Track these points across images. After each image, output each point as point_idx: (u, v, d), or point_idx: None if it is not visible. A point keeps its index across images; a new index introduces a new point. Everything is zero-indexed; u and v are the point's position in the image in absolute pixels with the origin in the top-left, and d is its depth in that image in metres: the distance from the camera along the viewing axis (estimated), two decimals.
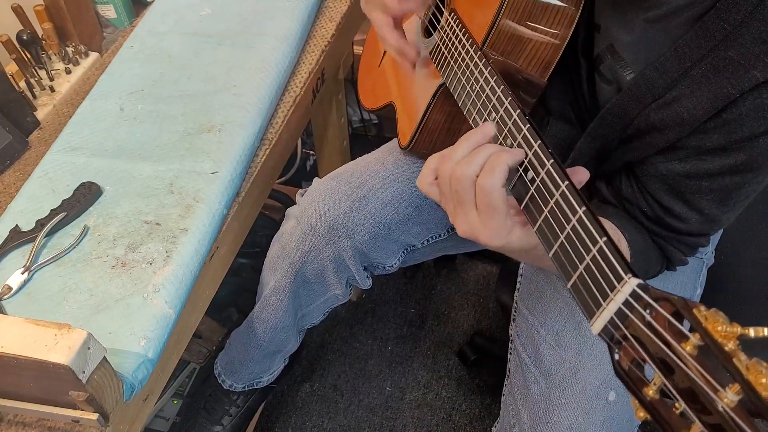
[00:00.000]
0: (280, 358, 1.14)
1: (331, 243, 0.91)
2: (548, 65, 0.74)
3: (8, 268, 0.76)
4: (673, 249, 0.73)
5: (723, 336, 0.33)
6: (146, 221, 0.81)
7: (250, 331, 1.07)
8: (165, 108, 0.95)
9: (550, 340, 0.84)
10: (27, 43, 1.00)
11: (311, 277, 0.96)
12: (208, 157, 0.88)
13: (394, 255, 0.98)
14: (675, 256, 0.74)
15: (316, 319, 1.08)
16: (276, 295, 0.99)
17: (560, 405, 0.80)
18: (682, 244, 0.73)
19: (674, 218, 0.69)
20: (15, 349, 0.56)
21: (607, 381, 0.80)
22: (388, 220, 0.92)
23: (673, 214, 0.69)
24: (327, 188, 0.93)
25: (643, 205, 0.71)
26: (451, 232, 0.99)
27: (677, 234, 0.71)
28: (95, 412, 0.62)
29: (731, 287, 0.99)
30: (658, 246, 0.74)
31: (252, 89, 0.96)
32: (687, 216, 0.68)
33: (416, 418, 1.38)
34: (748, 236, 1.05)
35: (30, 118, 0.98)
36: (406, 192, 0.93)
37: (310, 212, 0.92)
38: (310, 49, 1.10)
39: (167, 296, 0.74)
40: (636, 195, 0.72)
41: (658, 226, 0.71)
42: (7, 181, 0.91)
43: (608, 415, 0.79)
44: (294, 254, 0.94)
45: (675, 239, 0.72)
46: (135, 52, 1.04)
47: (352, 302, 1.57)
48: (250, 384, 1.15)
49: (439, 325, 1.53)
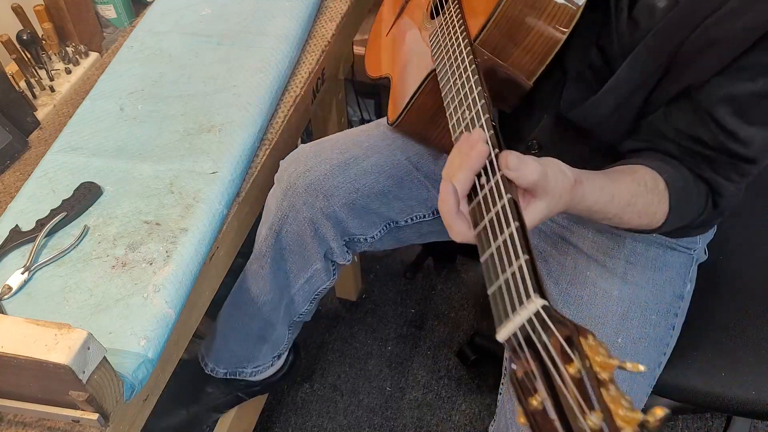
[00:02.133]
0: (267, 349, 1.10)
1: (309, 203, 0.91)
2: (542, 61, 0.74)
3: (8, 268, 0.76)
4: (724, 181, 0.71)
5: (600, 366, 0.36)
6: (146, 221, 0.81)
7: (232, 305, 1.05)
8: (165, 108, 0.95)
9: None
10: (27, 43, 1.00)
11: (291, 243, 0.95)
12: (208, 157, 0.88)
13: (374, 227, 0.97)
14: (727, 189, 0.71)
15: (304, 308, 1.05)
16: (257, 261, 0.98)
17: None
18: (737, 171, 0.70)
19: (737, 143, 0.67)
20: (15, 349, 0.56)
21: None
22: (367, 188, 0.92)
23: (737, 138, 0.67)
24: (309, 152, 0.94)
25: (703, 134, 0.68)
26: (436, 215, 0.98)
27: (736, 160, 0.69)
28: (95, 412, 0.62)
29: (727, 284, 0.99)
30: (706, 182, 0.71)
31: (252, 89, 0.96)
32: (751, 139, 0.67)
33: (416, 418, 1.38)
34: (744, 233, 1.05)
35: (30, 118, 0.98)
36: (387, 164, 0.93)
37: (290, 172, 0.92)
38: (310, 49, 1.10)
39: (167, 296, 0.74)
40: (695, 125, 0.69)
41: (718, 153, 0.69)
42: (7, 181, 0.91)
43: None
44: (273, 215, 0.93)
45: (731, 166, 0.70)
46: (135, 52, 1.04)
47: (352, 302, 1.57)
48: (233, 371, 1.11)
49: (439, 325, 1.53)
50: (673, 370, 0.90)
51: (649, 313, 0.83)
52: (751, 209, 1.08)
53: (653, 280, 0.84)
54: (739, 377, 0.88)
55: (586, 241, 0.87)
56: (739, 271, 1.00)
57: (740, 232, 1.05)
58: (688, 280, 0.87)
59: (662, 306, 0.84)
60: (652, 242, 0.86)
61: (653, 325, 0.83)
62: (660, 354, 0.84)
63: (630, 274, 0.84)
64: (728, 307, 0.96)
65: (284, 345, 1.12)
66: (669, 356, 0.87)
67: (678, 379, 0.89)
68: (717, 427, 1.34)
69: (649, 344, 0.82)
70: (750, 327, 0.93)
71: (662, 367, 0.85)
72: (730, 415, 1.32)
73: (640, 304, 0.83)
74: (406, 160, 0.94)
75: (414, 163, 0.94)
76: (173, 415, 1.14)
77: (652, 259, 0.85)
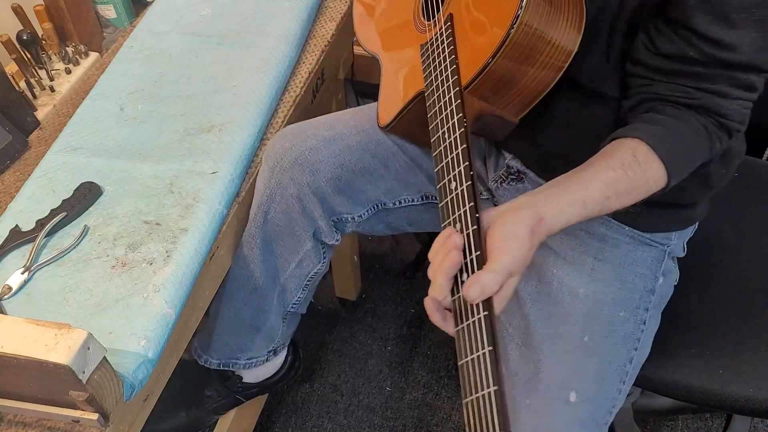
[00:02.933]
0: (260, 340, 1.08)
1: (295, 179, 0.91)
2: (530, 104, 0.75)
3: (8, 268, 0.76)
4: (724, 101, 0.70)
5: None
6: (146, 221, 0.81)
7: (224, 293, 1.04)
8: (165, 108, 0.95)
9: (518, 339, 0.84)
10: (27, 43, 1.00)
11: (280, 223, 0.94)
12: (208, 157, 0.88)
13: (361, 206, 0.97)
14: (729, 107, 0.70)
15: (296, 296, 1.03)
16: (247, 244, 0.97)
17: (525, 406, 0.80)
18: (737, 85, 0.70)
19: (725, 49, 0.67)
20: (15, 349, 0.56)
21: (567, 382, 0.80)
22: (351, 164, 0.92)
23: (724, 44, 0.66)
24: (295, 129, 0.95)
25: (689, 50, 0.68)
26: (424, 201, 0.99)
27: (732, 70, 0.68)
28: (95, 412, 0.62)
29: (726, 282, 0.99)
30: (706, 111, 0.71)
31: (252, 89, 0.96)
32: (738, 42, 0.66)
33: (416, 418, 1.38)
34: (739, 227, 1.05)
35: (30, 118, 0.98)
36: (372, 143, 0.93)
37: (276, 149, 0.92)
38: (310, 49, 1.10)
39: (167, 296, 0.74)
40: (679, 44, 0.69)
41: (710, 67, 0.69)
42: (7, 181, 0.91)
43: (572, 416, 0.79)
44: (261, 195, 0.93)
45: (729, 79, 0.69)
46: (135, 52, 1.04)
47: (352, 302, 1.57)
48: (226, 362, 1.10)
49: None
50: (671, 367, 0.90)
51: (617, 310, 0.83)
52: (744, 204, 1.07)
53: (622, 277, 0.84)
54: (737, 375, 0.88)
55: (554, 239, 0.87)
56: (738, 268, 1.00)
57: (735, 227, 1.05)
58: (659, 274, 0.87)
59: (631, 302, 0.84)
60: (623, 239, 0.85)
61: (621, 322, 0.83)
62: (630, 350, 0.84)
63: (598, 272, 0.84)
64: (726, 305, 0.96)
65: (279, 339, 1.10)
66: (648, 352, 0.87)
67: (675, 376, 0.89)
68: (717, 427, 1.34)
69: (617, 341, 0.83)
70: (748, 324, 0.93)
71: (635, 363, 0.85)
72: (730, 415, 1.32)
73: (607, 302, 0.83)
74: (391, 141, 0.94)
75: (400, 146, 0.95)
76: (173, 417, 1.14)
77: (621, 256, 0.85)
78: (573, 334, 0.82)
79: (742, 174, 1.10)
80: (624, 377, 0.84)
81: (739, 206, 1.07)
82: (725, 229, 1.04)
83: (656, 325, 0.88)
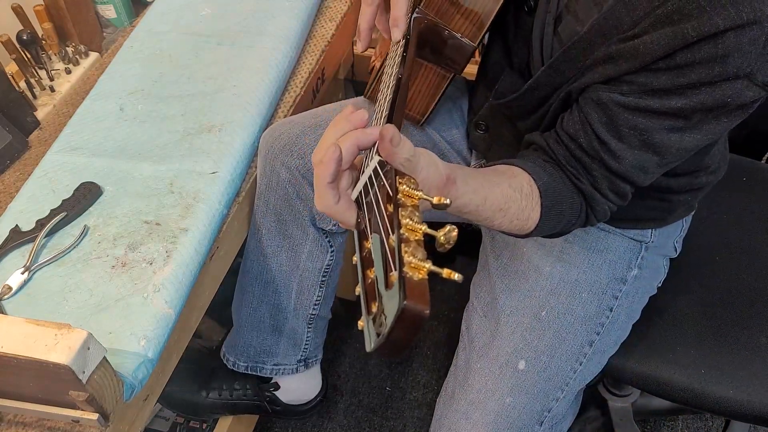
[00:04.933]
0: (285, 344, 1.07)
1: (286, 164, 0.92)
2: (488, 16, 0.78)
3: (8, 268, 0.76)
4: (600, 197, 0.73)
5: (405, 194, 0.45)
6: (146, 221, 0.81)
7: (239, 290, 1.04)
8: (165, 108, 0.95)
9: (480, 311, 0.91)
10: (27, 43, 1.00)
11: (281, 211, 0.95)
12: (208, 157, 0.88)
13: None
14: (600, 205, 0.74)
15: (315, 294, 1.03)
16: (253, 235, 0.97)
17: (476, 370, 0.86)
18: (613, 190, 0.73)
19: (609, 154, 0.70)
20: (15, 349, 0.56)
21: (518, 350, 0.85)
22: None
23: (609, 149, 0.69)
24: (285, 121, 0.97)
25: (581, 137, 0.71)
26: None
27: (611, 174, 0.71)
28: (95, 412, 0.62)
29: (719, 282, 0.99)
30: (582, 194, 0.74)
31: (252, 89, 0.96)
32: (621, 154, 0.69)
33: (416, 418, 1.38)
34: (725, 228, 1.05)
35: (30, 118, 0.98)
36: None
37: (267, 139, 0.94)
38: (310, 49, 1.10)
39: (167, 296, 0.74)
40: (576, 127, 0.72)
41: (594, 162, 0.72)
42: (7, 181, 0.91)
43: (517, 383, 0.83)
44: (260, 184, 0.94)
45: (607, 179, 0.72)
46: (135, 52, 1.04)
47: (352, 302, 1.57)
48: (253, 366, 1.10)
49: (439, 325, 1.53)
50: (654, 363, 0.91)
51: (580, 290, 0.86)
52: (730, 204, 1.07)
53: (590, 260, 0.87)
54: (720, 375, 0.88)
55: None
56: (732, 270, 1.00)
57: (722, 228, 1.05)
58: (634, 265, 0.88)
59: (597, 286, 0.86)
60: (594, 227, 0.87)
61: (582, 303, 0.86)
62: (590, 332, 0.86)
63: (566, 254, 0.87)
64: (720, 306, 0.96)
65: (306, 346, 1.09)
66: (619, 343, 0.90)
67: (659, 372, 0.90)
68: (717, 427, 1.34)
69: (575, 320, 0.85)
70: (737, 326, 0.93)
71: (597, 347, 0.87)
72: None
73: (570, 282, 0.86)
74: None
75: None
76: (189, 388, 1.14)
77: (592, 241, 0.88)
78: (531, 307, 0.86)
79: (743, 176, 1.11)
80: (581, 358, 0.87)
81: (738, 208, 1.07)
82: (724, 230, 1.04)
83: (632, 318, 0.91)
